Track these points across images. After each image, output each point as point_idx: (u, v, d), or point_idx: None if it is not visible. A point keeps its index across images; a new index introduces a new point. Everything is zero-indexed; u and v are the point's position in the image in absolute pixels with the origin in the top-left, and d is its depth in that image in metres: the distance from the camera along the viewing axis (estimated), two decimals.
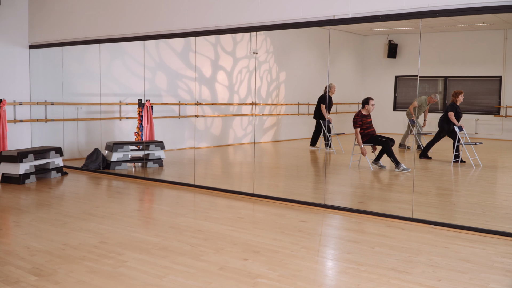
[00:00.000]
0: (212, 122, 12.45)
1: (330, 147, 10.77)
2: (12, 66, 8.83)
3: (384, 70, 14.00)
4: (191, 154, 10.37)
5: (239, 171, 9.07)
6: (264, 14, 6.03)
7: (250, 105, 13.18)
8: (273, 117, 13.76)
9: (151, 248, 4.22)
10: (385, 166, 8.63)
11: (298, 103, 13.26)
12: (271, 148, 12.57)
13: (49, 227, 4.88)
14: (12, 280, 3.48)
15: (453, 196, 6.73)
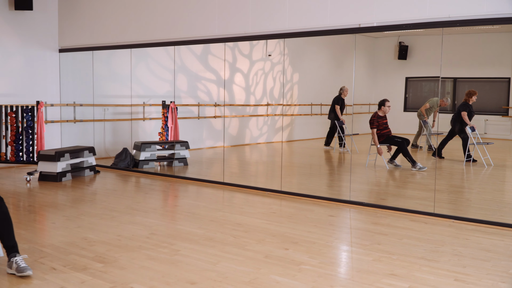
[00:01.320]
0: (229, 123, 12.83)
1: (344, 147, 11.13)
2: (43, 69, 9.25)
3: (394, 71, 14.34)
4: (210, 153, 10.77)
5: (263, 169, 9.46)
6: (292, 21, 6.43)
7: (266, 106, 13.55)
8: (287, 117, 14.12)
9: (198, 239, 4.62)
10: (401, 165, 8.99)
11: (311, 104, 13.62)
12: (286, 147, 12.93)
13: (99, 221, 5.28)
14: (79, 267, 3.88)
15: (469, 193, 7.10)
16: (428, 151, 10.80)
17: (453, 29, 13.83)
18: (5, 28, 8.67)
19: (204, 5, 7.32)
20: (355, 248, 4.43)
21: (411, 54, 14.27)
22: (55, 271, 3.78)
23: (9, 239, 3.76)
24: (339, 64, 13.87)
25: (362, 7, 5.88)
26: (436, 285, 3.58)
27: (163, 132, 9.69)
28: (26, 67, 8.98)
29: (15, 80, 8.81)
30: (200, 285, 3.51)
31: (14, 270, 3.65)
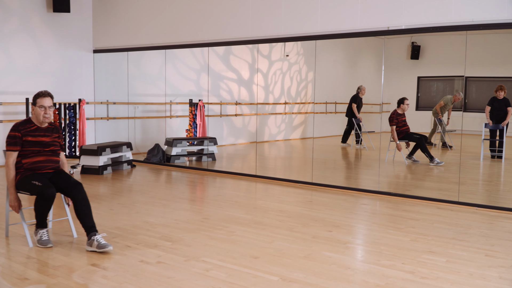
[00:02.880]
0: (249, 120, 13.30)
1: (361, 144, 11.58)
2: (79, 69, 9.75)
3: (406, 71, 14.77)
4: (232, 150, 11.26)
5: (289, 164, 9.93)
6: (323, 24, 6.90)
7: (283, 104, 14.00)
8: (302, 115, 14.57)
9: (248, 223, 5.10)
10: (419, 161, 9.44)
11: (326, 102, 14.06)
12: (304, 144, 13.39)
13: (152, 207, 5.77)
14: (151, 245, 4.36)
15: (488, 184, 7.56)
16: (442, 148, 11.22)
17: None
18: (44, 30, 9.17)
19: (238, 8, 7.80)
20: (391, 230, 4.89)
21: (423, 54, 14.71)
22: (130, 248, 4.26)
23: (89, 220, 4.24)
24: (352, 63, 14.29)
25: (391, 10, 6.34)
26: (470, 259, 4.04)
27: (190, 129, 10.16)
28: (63, 67, 9.48)
29: (53, 79, 9.31)
30: (262, 259, 3.98)
31: (95, 247, 4.12)
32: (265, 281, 3.52)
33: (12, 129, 4.38)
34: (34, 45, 9.05)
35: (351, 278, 3.59)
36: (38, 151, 4.39)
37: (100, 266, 3.82)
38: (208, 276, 3.60)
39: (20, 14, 8.82)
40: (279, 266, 3.83)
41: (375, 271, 3.74)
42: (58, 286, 3.42)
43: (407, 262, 3.95)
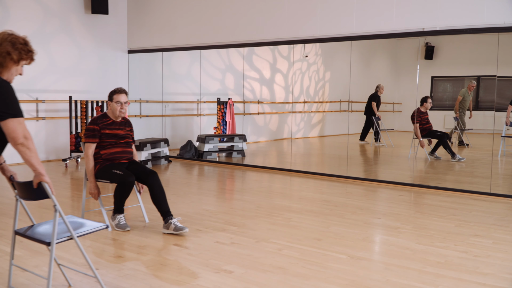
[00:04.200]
0: (270, 119, 13.69)
1: (380, 142, 11.96)
2: (114, 68, 10.15)
3: (420, 71, 15.14)
4: (255, 147, 11.64)
5: (317, 159, 10.32)
6: (359, 25, 7.28)
7: (303, 103, 14.38)
8: (318, 113, 14.95)
9: (300, 211, 5.48)
10: (441, 157, 9.82)
11: (340, 101, 14.44)
12: (322, 142, 13.77)
13: (205, 198, 6.16)
14: (219, 229, 4.75)
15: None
16: (459, 146, 11.58)
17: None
18: (82, 31, 9.57)
19: (274, 9, 8.19)
20: (435, 218, 5.28)
21: (437, 54, 15.09)
22: (201, 231, 4.64)
23: (165, 205, 4.62)
24: (366, 63, 14.66)
25: (426, 12, 6.73)
26: None
27: (219, 127, 10.55)
28: (99, 67, 9.88)
29: (90, 78, 9.70)
30: (325, 241, 4.36)
31: (171, 230, 4.51)
32: (335, 258, 3.90)
33: (90, 123, 4.77)
34: (73, 45, 9.44)
35: (412, 257, 3.97)
36: (115, 143, 4.78)
37: (182, 245, 4.20)
38: (282, 254, 3.99)
39: (60, 15, 9.21)
40: (343, 246, 4.22)
41: (431, 251, 4.12)
42: (153, 262, 3.81)
43: (458, 243, 4.34)
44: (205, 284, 3.35)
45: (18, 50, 2.69)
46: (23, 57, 2.72)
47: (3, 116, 2.50)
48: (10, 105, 2.53)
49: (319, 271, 3.60)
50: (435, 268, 3.71)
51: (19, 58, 2.70)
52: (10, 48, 2.66)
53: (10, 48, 2.66)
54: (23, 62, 2.74)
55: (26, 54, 2.73)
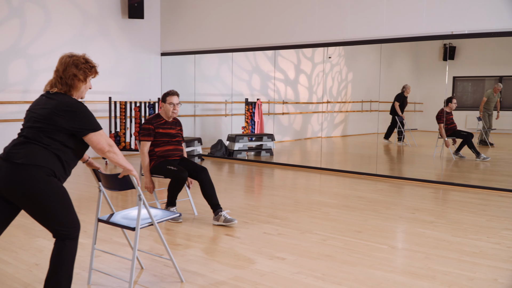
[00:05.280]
0: (294, 119, 14.01)
1: (403, 141, 12.20)
2: (148, 70, 10.57)
3: (441, 71, 15.34)
4: (280, 146, 11.99)
5: (343, 158, 10.62)
6: (389, 28, 7.58)
7: (326, 103, 14.66)
8: (342, 113, 15.22)
9: (336, 206, 5.81)
10: (465, 157, 10.06)
11: (362, 101, 14.70)
12: (345, 141, 14.05)
13: (245, 193, 6.52)
14: (264, 221, 5.10)
15: None
16: (481, 146, 11.78)
17: None
18: (119, 35, 9.99)
19: (305, 13, 8.52)
20: (466, 213, 5.57)
21: (459, 54, 15.28)
22: (248, 223, 4.99)
23: (214, 199, 4.99)
24: (388, 64, 14.88)
25: (455, 16, 7.00)
26: None
27: (247, 126, 10.91)
28: (134, 69, 10.30)
29: (126, 80, 10.13)
30: (365, 233, 4.69)
31: (221, 222, 4.87)
32: (377, 248, 4.22)
33: (145, 122, 5.15)
34: (110, 48, 9.87)
35: (449, 247, 4.28)
36: (167, 141, 5.15)
37: (234, 236, 4.56)
38: (327, 244, 4.32)
39: (98, 20, 9.64)
40: (383, 238, 4.54)
41: (466, 242, 4.42)
42: (210, 249, 4.17)
43: (490, 236, 4.64)
44: (263, 268, 3.70)
45: (83, 70, 2.94)
46: (88, 74, 2.98)
47: (83, 132, 2.83)
48: (87, 122, 2.85)
49: (364, 259, 3.93)
50: (471, 257, 4.01)
51: (85, 77, 2.96)
52: (75, 70, 2.92)
53: (75, 70, 2.92)
54: (89, 79, 3.01)
55: (89, 70, 2.99)
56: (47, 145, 2.73)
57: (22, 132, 2.82)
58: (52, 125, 2.75)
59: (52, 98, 2.84)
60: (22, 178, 2.65)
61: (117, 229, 4.72)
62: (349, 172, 8.33)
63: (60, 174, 2.80)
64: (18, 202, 2.72)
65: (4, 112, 8.57)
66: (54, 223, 2.76)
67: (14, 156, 2.69)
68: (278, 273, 3.60)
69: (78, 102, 2.89)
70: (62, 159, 2.78)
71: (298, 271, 3.65)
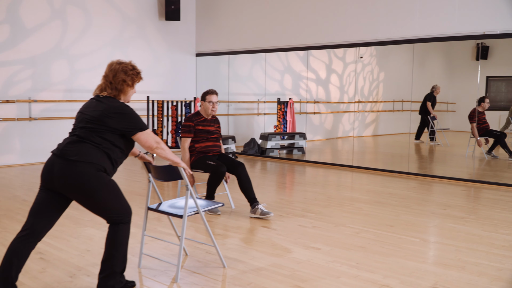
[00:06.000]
0: (325, 118, 14.15)
1: (435, 141, 12.21)
2: (183, 70, 10.90)
3: (474, 71, 15.24)
4: (310, 145, 12.15)
5: (375, 156, 10.74)
6: (421, 28, 7.69)
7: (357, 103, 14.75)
8: (372, 113, 15.26)
9: (369, 202, 5.98)
10: (498, 156, 10.04)
11: (394, 100, 14.71)
12: (376, 140, 14.11)
13: (279, 189, 6.74)
14: (298, 215, 5.31)
15: None
16: None
17: None
18: (156, 36, 10.35)
19: (337, 13, 8.69)
20: (497, 210, 5.66)
21: (492, 54, 15.15)
22: (283, 216, 5.21)
23: (251, 193, 5.22)
24: (421, 63, 14.85)
25: (487, 16, 7.07)
26: None
27: (279, 125, 11.12)
28: (171, 69, 10.65)
29: (163, 80, 10.47)
30: (397, 227, 4.85)
31: (258, 214, 5.10)
32: (409, 241, 4.38)
33: (186, 120, 5.43)
34: (148, 49, 10.23)
35: (479, 241, 4.41)
36: (207, 138, 5.42)
37: (270, 227, 4.79)
38: (361, 237, 4.51)
39: (137, 22, 10.02)
40: (415, 232, 4.70)
41: (496, 237, 4.54)
42: (248, 239, 4.41)
43: None
44: (300, 257, 3.91)
45: (131, 76, 3.22)
46: (135, 80, 3.26)
47: (132, 132, 3.10)
48: (135, 123, 3.12)
49: (397, 250, 4.10)
50: (500, 250, 4.14)
51: (132, 82, 3.24)
52: (124, 76, 3.20)
53: (124, 76, 3.20)
54: (135, 84, 3.28)
55: (136, 76, 3.27)
56: (98, 144, 3.00)
57: (74, 132, 3.10)
58: (103, 126, 3.02)
59: (102, 101, 3.11)
60: (75, 173, 2.92)
61: (160, 219, 5.01)
62: (380, 170, 8.46)
63: (109, 170, 3.07)
64: (71, 196, 2.99)
65: (47, 110, 9.01)
66: (107, 211, 3.03)
67: (68, 153, 2.96)
68: (314, 261, 3.81)
69: (126, 105, 3.17)
70: (111, 157, 3.05)
71: (333, 260, 3.85)
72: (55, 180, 2.93)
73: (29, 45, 8.71)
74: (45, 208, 2.98)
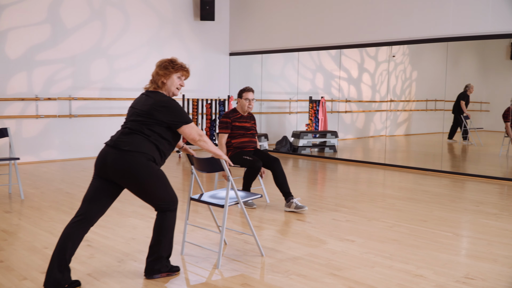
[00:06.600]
0: (357, 117, 14.19)
1: (468, 140, 12.12)
2: (217, 70, 11.13)
3: (508, 70, 15.02)
4: (343, 144, 12.22)
5: (408, 155, 10.77)
6: (455, 27, 7.71)
7: (389, 102, 14.73)
8: (406, 112, 15.20)
9: (402, 198, 6.06)
10: None
11: (427, 100, 14.62)
12: (409, 139, 14.07)
13: (312, 185, 6.88)
14: (331, 209, 5.44)
15: None
16: None
17: None
18: (191, 36, 10.61)
19: (369, 12, 8.77)
20: None
21: None
22: (317, 211, 5.36)
23: (286, 187, 5.38)
24: (454, 62, 14.72)
25: None
26: None
27: (310, 124, 11.24)
28: (205, 68, 10.89)
29: (198, 79, 10.72)
30: (430, 223, 4.93)
31: (293, 208, 5.26)
32: (441, 236, 4.47)
33: (223, 116, 5.62)
34: (183, 49, 10.50)
35: (510, 235, 4.47)
36: (243, 134, 5.60)
37: (305, 221, 4.94)
38: (394, 230, 4.61)
39: (173, 22, 10.29)
40: (447, 227, 4.78)
41: None
42: (284, 231, 4.57)
43: None
44: (334, 248, 4.05)
45: (164, 67, 3.36)
46: (171, 71, 3.35)
47: (178, 125, 3.29)
48: (180, 116, 3.30)
49: (430, 244, 4.20)
50: None
51: (165, 73, 3.34)
52: (158, 69, 3.37)
53: (158, 69, 3.37)
54: (172, 76, 3.36)
55: (173, 68, 3.37)
56: (148, 136, 3.21)
57: (126, 125, 3.32)
58: (151, 119, 3.23)
59: (150, 96, 3.33)
60: (127, 162, 3.14)
61: (199, 211, 5.22)
62: (413, 168, 8.50)
63: (158, 160, 3.27)
64: (123, 183, 3.20)
65: (85, 107, 9.36)
66: (156, 199, 3.24)
67: (121, 144, 3.18)
68: (348, 252, 3.94)
69: (172, 99, 3.36)
70: (160, 148, 3.25)
71: (367, 251, 3.98)
72: (108, 169, 3.15)
73: (70, 45, 9.07)
74: (98, 195, 3.20)
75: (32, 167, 8.35)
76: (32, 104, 8.74)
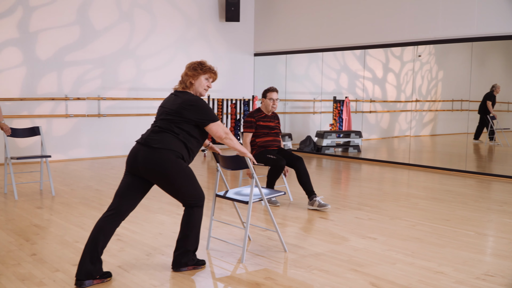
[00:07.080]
0: (381, 117, 14.15)
1: (495, 141, 11.99)
2: (242, 70, 11.26)
3: None
4: (365, 144, 12.22)
5: (433, 155, 10.74)
6: (480, 27, 7.67)
7: (414, 102, 14.65)
8: (431, 112, 15.09)
9: (425, 198, 6.09)
10: None
11: (453, 100, 14.48)
12: (434, 140, 13.97)
13: (335, 184, 6.95)
14: (354, 208, 5.50)
15: None
16: None
17: None
18: (217, 37, 10.76)
19: (394, 12, 8.78)
20: None
21: None
22: (340, 209, 5.43)
23: (309, 186, 5.47)
24: (481, 62, 14.54)
25: None
26: None
27: (334, 123, 11.28)
28: (230, 69, 11.04)
29: (223, 79, 10.87)
30: (453, 222, 4.96)
31: (316, 206, 5.34)
32: (463, 234, 4.50)
33: (248, 116, 5.74)
34: (209, 49, 10.67)
35: None
36: (267, 133, 5.71)
37: (328, 218, 5.02)
38: (416, 229, 4.66)
39: (198, 23, 10.47)
40: (469, 225, 4.80)
41: None
42: (307, 228, 4.67)
43: None
44: (357, 245, 4.13)
45: (193, 69, 3.49)
46: (199, 72, 3.49)
47: (204, 122, 3.42)
48: (206, 114, 3.42)
49: (452, 242, 4.24)
50: None
51: (193, 74, 3.48)
52: (187, 70, 3.51)
53: (187, 70, 3.51)
54: (200, 77, 3.50)
55: (201, 69, 3.51)
56: (177, 134, 3.34)
57: (156, 123, 3.46)
58: (180, 117, 3.36)
59: (178, 95, 3.47)
60: (157, 159, 3.27)
61: (223, 208, 5.35)
62: (438, 168, 8.49)
63: (186, 158, 3.40)
64: (153, 179, 3.34)
65: (114, 107, 9.59)
66: (184, 195, 3.37)
67: (151, 142, 3.32)
68: (370, 249, 4.02)
69: (200, 98, 3.49)
70: (188, 146, 3.38)
71: (389, 248, 4.04)
72: (139, 166, 3.30)
73: (99, 46, 9.31)
74: (129, 191, 3.35)
75: (62, 165, 8.61)
76: (62, 103, 9.01)
